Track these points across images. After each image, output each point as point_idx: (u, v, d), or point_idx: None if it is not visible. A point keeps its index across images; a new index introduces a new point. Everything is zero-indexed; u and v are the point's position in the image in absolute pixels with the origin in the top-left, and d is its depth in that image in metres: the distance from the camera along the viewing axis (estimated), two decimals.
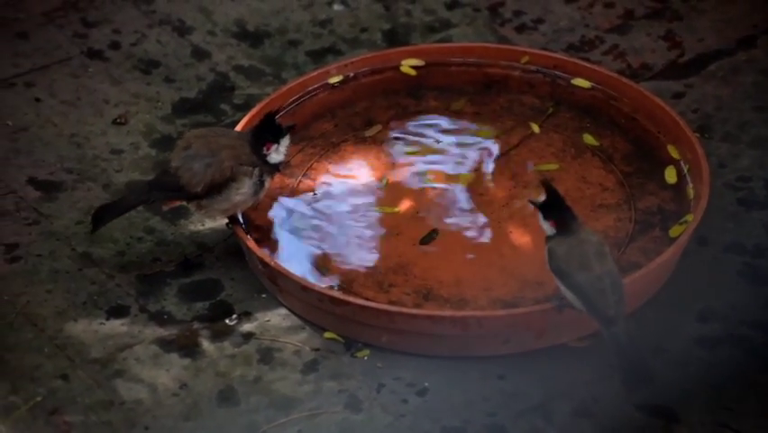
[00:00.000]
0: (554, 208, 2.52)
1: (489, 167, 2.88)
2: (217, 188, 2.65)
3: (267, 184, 2.69)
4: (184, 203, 2.71)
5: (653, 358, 2.56)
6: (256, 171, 2.66)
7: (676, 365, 2.57)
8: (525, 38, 3.18)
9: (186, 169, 2.65)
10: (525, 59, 2.99)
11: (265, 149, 2.67)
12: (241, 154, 2.66)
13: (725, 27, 3.17)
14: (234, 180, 2.65)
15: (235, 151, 2.66)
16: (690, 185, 2.78)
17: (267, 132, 2.67)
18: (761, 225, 2.79)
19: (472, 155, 2.91)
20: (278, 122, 2.69)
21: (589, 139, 2.92)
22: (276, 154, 2.68)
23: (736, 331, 2.62)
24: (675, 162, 2.81)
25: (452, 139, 2.94)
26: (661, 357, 2.58)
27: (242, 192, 2.66)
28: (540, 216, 2.53)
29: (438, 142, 2.93)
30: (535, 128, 2.88)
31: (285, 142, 2.69)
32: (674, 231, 2.72)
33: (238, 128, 2.83)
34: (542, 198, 2.54)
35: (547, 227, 2.53)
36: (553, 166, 2.87)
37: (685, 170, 2.81)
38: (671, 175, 2.78)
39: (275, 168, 2.69)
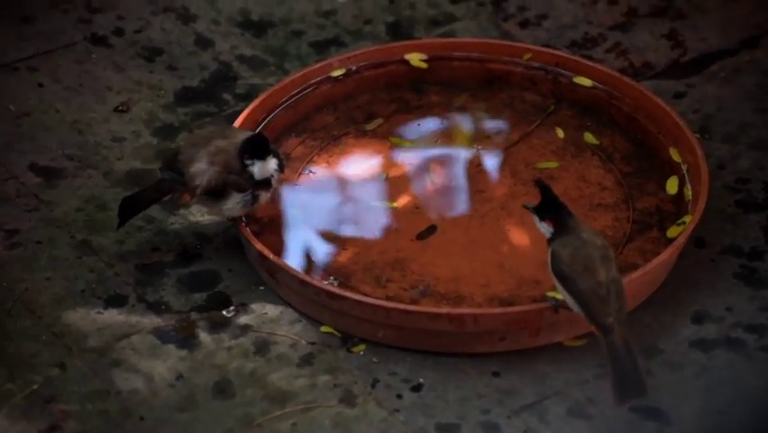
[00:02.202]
0: (550, 208, 2.52)
1: (489, 163, 2.89)
2: (213, 193, 2.65)
3: (261, 199, 2.67)
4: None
5: (647, 362, 2.57)
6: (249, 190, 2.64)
7: (671, 367, 2.58)
8: (528, 33, 3.18)
9: (188, 166, 2.65)
10: (528, 55, 3.00)
11: (247, 159, 2.63)
12: (232, 165, 2.63)
13: (728, 27, 3.17)
14: (226, 192, 2.63)
15: (226, 158, 2.63)
16: (689, 186, 2.79)
17: (253, 148, 2.62)
18: (759, 228, 2.80)
19: (472, 151, 2.91)
20: (265, 143, 2.63)
21: (589, 138, 2.92)
22: (258, 170, 2.64)
23: (731, 334, 2.63)
24: (677, 169, 2.81)
25: (452, 134, 2.94)
26: (656, 359, 2.59)
27: (231, 204, 2.65)
28: (535, 218, 2.53)
29: (438, 137, 2.94)
30: (560, 133, 2.88)
31: (268, 164, 2.64)
32: (672, 232, 2.73)
33: (239, 121, 2.84)
34: (535, 202, 2.54)
35: (545, 229, 2.53)
36: (553, 164, 2.88)
37: (684, 172, 2.81)
38: (672, 186, 2.78)
39: (265, 184, 2.66)
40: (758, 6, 3.21)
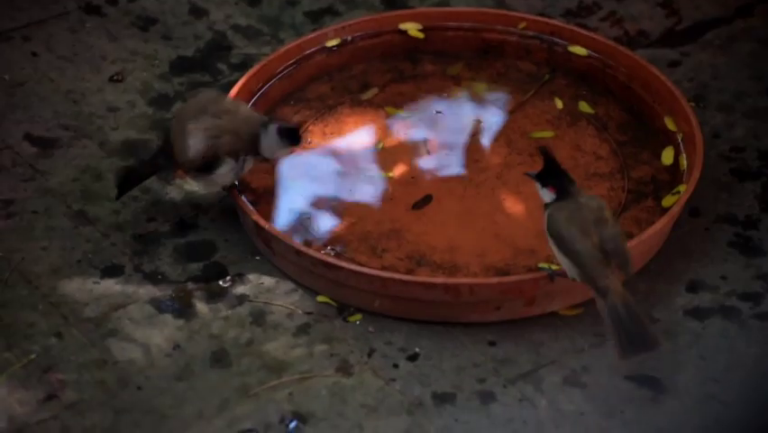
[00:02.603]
0: (552, 174, 2.53)
1: (485, 132, 2.89)
2: (203, 167, 2.65)
3: (248, 165, 2.68)
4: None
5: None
6: (243, 158, 2.65)
7: (666, 336, 2.59)
8: (522, 2, 3.17)
9: (181, 141, 2.65)
10: (523, 24, 2.99)
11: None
12: (239, 142, 2.64)
13: None
14: (219, 164, 2.64)
15: (236, 138, 2.64)
16: (684, 155, 2.79)
17: (289, 134, 2.66)
18: (753, 196, 2.81)
19: (467, 120, 2.91)
20: (298, 131, 2.68)
21: (584, 107, 2.92)
22: (277, 153, 2.68)
23: (725, 302, 2.64)
24: (672, 138, 2.81)
25: (448, 104, 2.94)
26: (652, 327, 2.60)
27: (221, 173, 2.66)
28: (537, 184, 2.54)
29: (433, 106, 2.94)
30: (559, 103, 2.88)
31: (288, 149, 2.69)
32: (667, 201, 2.74)
33: (234, 90, 2.84)
34: (536, 170, 2.55)
35: (546, 194, 2.54)
36: (548, 134, 2.88)
37: (679, 140, 2.82)
38: (667, 157, 2.78)
39: (263, 159, 2.69)
40: None
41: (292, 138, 2.69)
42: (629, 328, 2.42)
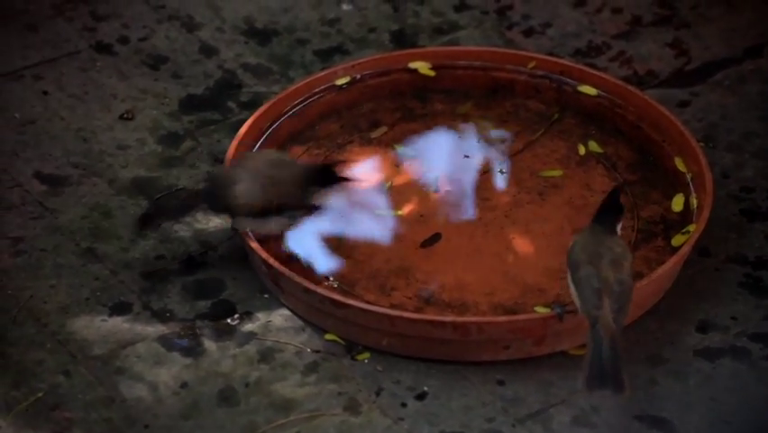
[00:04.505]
0: (606, 206, 2.56)
1: (494, 172, 2.89)
2: (254, 215, 2.65)
3: (297, 221, 2.69)
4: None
5: (652, 371, 2.58)
6: (293, 214, 2.68)
7: (676, 376, 2.58)
8: (532, 42, 3.18)
9: (237, 186, 2.64)
10: (532, 64, 3.00)
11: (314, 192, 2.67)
12: (289, 194, 2.66)
13: (732, 35, 3.17)
14: (272, 215, 2.66)
15: (292, 190, 2.66)
16: (694, 195, 2.79)
17: (325, 178, 2.67)
18: (763, 237, 2.80)
19: (476, 160, 2.92)
20: (335, 171, 2.68)
21: (593, 146, 2.92)
22: (320, 198, 2.69)
23: (736, 343, 2.63)
24: (681, 178, 2.81)
25: (457, 142, 2.95)
26: (661, 367, 2.59)
27: (271, 226, 2.68)
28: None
29: (443, 145, 2.94)
30: (582, 150, 2.88)
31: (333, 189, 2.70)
32: (677, 240, 2.73)
33: (243, 129, 2.85)
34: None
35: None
36: (557, 172, 2.88)
37: (689, 180, 2.81)
38: (678, 204, 2.78)
39: (312, 208, 2.70)
40: (761, 15, 3.22)
41: (322, 181, 2.67)
42: (604, 364, 2.41)
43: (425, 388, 2.57)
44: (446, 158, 2.92)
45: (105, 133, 3.01)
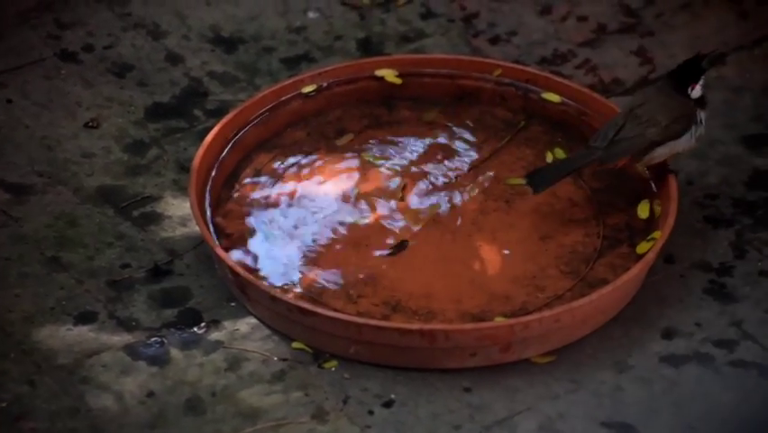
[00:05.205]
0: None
1: (461, 179, 2.90)
2: (674, 133, 2.74)
3: (701, 118, 2.79)
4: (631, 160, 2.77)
5: (618, 377, 2.59)
6: (698, 114, 2.78)
7: (641, 382, 2.59)
8: (498, 50, 3.19)
9: (648, 116, 2.74)
10: (498, 71, 3.01)
11: (690, 89, 2.77)
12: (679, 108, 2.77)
13: (696, 44, 3.19)
14: (688, 126, 2.76)
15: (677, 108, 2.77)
16: (658, 202, 2.80)
17: (688, 74, 2.77)
18: (727, 243, 2.82)
19: (443, 167, 2.92)
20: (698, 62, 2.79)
21: (559, 153, 2.93)
22: (698, 90, 2.79)
23: (700, 349, 2.64)
24: (646, 185, 2.82)
25: (423, 150, 2.95)
26: (626, 374, 2.60)
27: (691, 134, 2.77)
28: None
29: (409, 153, 2.95)
30: (549, 157, 2.91)
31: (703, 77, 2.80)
32: (641, 247, 2.75)
33: (210, 137, 2.85)
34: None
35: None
36: (523, 180, 2.89)
37: (654, 187, 2.83)
38: (643, 211, 2.79)
39: (701, 103, 2.79)
40: (724, 24, 3.24)
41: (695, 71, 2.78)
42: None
43: (393, 395, 2.57)
44: (413, 165, 2.93)
45: (69, 142, 3.00)
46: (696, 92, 2.78)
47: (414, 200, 2.86)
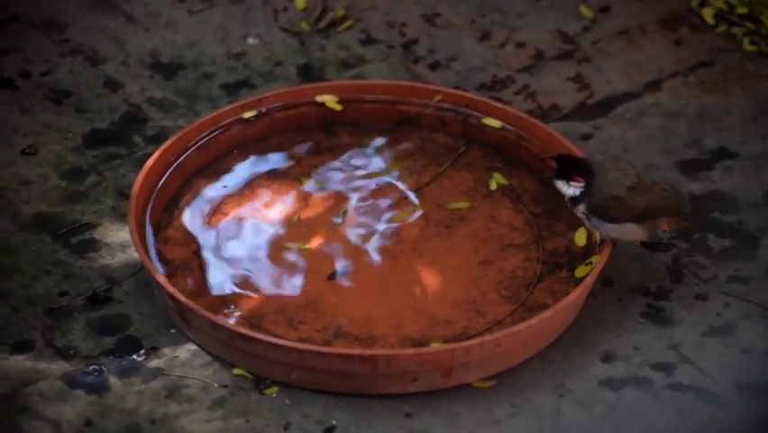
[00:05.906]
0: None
1: (402, 205, 2.90)
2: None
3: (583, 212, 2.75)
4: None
5: (558, 401, 2.60)
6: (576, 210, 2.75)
7: (581, 406, 2.60)
8: (438, 76, 3.21)
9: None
10: (438, 97, 3.03)
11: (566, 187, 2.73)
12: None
13: (632, 70, 3.23)
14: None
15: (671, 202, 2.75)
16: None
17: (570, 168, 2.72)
18: (664, 267, 2.85)
19: (384, 192, 2.93)
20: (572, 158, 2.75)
21: (498, 178, 2.95)
22: (571, 189, 2.74)
23: (638, 373, 2.66)
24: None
25: (362, 174, 2.96)
26: (566, 397, 2.62)
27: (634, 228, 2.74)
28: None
29: (350, 178, 2.95)
30: (493, 184, 2.91)
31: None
32: (580, 271, 2.77)
33: (149, 162, 2.83)
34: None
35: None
36: (464, 204, 2.90)
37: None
38: (580, 238, 2.82)
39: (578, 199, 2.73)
40: (660, 51, 3.28)
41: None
42: None
43: (334, 421, 2.56)
44: (354, 191, 2.93)
45: (6, 169, 2.97)
46: (570, 190, 2.72)
47: (354, 225, 2.86)
